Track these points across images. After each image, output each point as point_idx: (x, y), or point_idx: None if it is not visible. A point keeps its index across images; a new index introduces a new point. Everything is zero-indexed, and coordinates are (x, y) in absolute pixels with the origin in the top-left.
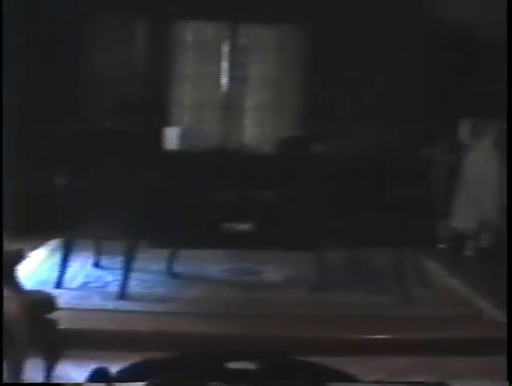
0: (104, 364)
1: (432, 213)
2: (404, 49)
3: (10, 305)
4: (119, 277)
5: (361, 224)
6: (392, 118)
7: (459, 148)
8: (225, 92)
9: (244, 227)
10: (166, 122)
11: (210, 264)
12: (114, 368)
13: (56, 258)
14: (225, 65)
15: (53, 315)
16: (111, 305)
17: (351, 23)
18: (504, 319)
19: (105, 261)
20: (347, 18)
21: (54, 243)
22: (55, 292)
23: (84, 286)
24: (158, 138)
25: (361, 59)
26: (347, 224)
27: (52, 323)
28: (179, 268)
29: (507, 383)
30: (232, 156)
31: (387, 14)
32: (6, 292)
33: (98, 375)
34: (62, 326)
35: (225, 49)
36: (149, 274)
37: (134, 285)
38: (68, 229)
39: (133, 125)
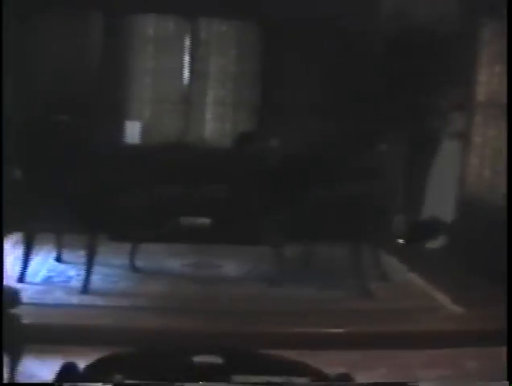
0: (68, 360)
1: (390, 208)
2: (359, 47)
3: None
4: (81, 272)
5: (318, 219)
6: (349, 115)
7: (418, 143)
8: (185, 86)
9: (203, 221)
10: (126, 116)
11: (171, 258)
12: (80, 364)
13: (18, 252)
14: (185, 59)
15: (16, 310)
16: (74, 299)
17: (308, 20)
18: (460, 313)
19: (67, 256)
20: (305, 15)
21: (15, 237)
22: (18, 286)
23: (46, 281)
24: (118, 133)
25: (318, 55)
26: (304, 219)
27: (16, 318)
28: (140, 262)
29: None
30: (191, 151)
31: (342, 12)
32: None
33: (66, 371)
34: (25, 321)
35: (186, 43)
36: (111, 268)
37: (97, 280)
38: (29, 223)
39: (91, 119)
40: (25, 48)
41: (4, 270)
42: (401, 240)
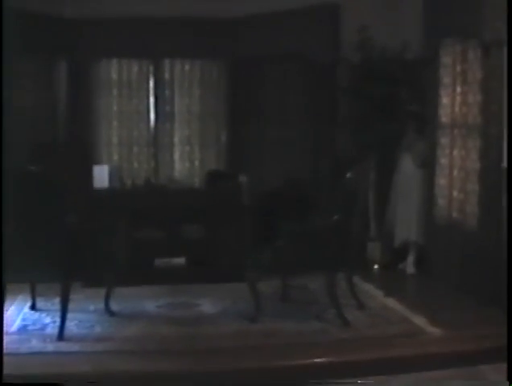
0: None
1: (362, 235)
2: (322, 80)
3: None
4: (57, 319)
5: (292, 252)
6: (313, 146)
7: (386, 169)
8: (152, 127)
9: (177, 261)
10: (94, 161)
11: (146, 300)
12: None
13: None
14: (150, 101)
15: None
16: (50, 347)
17: (270, 57)
18: (440, 335)
19: (41, 303)
20: (269, 52)
21: None
22: None
23: (22, 330)
24: (86, 178)
25: (283, 90)
26: (278, 253)
27: None
28: (115, 306)
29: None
30: (162, 191)
31: (304, 47)
32: None
33: None
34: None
35: (150, 85)
36: (86, 314)
37: (72, 326)
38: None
39: (59, 166)
40: None
41: None
42: (376, 266)
